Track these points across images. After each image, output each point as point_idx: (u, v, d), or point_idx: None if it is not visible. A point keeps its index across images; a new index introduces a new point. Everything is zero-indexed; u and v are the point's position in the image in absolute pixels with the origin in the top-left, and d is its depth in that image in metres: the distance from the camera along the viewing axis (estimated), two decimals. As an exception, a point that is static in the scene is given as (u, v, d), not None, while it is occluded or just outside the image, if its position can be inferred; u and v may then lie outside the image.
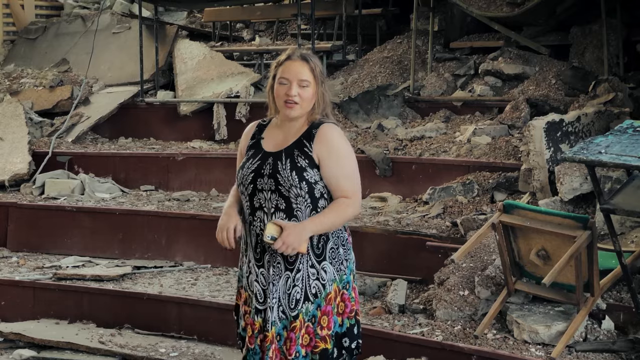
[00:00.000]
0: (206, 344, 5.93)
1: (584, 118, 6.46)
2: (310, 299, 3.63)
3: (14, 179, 8.14)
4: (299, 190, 3.59)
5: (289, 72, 3.64)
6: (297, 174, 3.59)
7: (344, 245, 3.71)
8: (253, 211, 3.69)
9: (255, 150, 3.74)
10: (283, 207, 3.61)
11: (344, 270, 3.70)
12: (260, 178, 3.64)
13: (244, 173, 3.70)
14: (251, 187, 3.66)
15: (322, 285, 3.64)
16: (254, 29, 11.86)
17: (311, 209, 3.62)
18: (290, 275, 3.63)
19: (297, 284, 3.63)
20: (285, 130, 3.72)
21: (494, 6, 8.73)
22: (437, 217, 6.49)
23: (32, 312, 6.50)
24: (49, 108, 9.37)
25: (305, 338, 3.63)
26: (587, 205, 5.94)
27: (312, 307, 3.64)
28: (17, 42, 11.12)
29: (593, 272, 4.61)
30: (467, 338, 4.87)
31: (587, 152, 4.45)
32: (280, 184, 3.60)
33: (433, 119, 8.15)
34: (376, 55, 9.31)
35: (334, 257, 3.68)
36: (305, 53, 3.71)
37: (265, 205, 3.64)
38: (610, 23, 7.90)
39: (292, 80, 3.62)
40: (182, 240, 7.08)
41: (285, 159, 3.63)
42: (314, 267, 3.64)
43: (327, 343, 3.64)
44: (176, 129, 9.10)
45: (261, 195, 3.64)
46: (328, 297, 3.65)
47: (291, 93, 3.61)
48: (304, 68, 3.64)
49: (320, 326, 3.64)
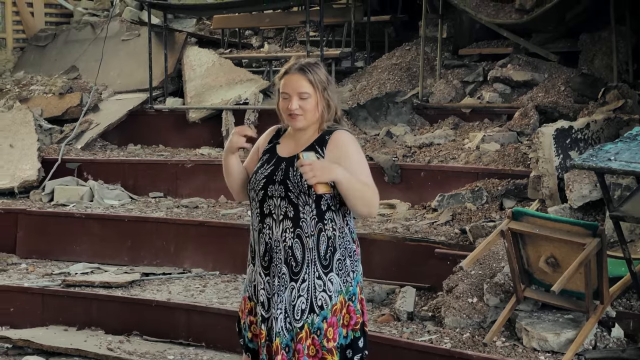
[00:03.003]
0: (214, 350, 5.92)
1: (594, 125, 6.45)
2: (316, 311, 3.61)
3: (24, 186, 8.17)
4: (307, 198, 3.58)
5: (288, 86, 3.66)
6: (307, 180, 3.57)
7: (351, 256, 3.70)
8: (263, 218, 3.66)
9: (270, 155, 3.74)
10: (291, 214, 3.59)
11: (350, 282, 3.68)
12: (271, 185, 3.63)
13: (256, 178, 3.69)
14: (262, 194, 3.65)
15: (329, 297, 3.62)
16: (262, 36, 11.88)
17: (317, 221, 3.59)
18: (295, 286, 3.61)
19: (302, 294, 3.61)
20: (297, 138, 3.73)
21: (502, 13, 8.72)
22: (446, 224, 6.47)
23: (40, 318, 6.51)
24: (58, 115, 9.40)
25: (312, 349, 3.61)
26: (597, 213, 5.92)
27: (317, 319, 3.61)
28: (26, 49, 11.16)
29: (602, 280, 4.59)
30: (475, 346, 4.86)
31: (596, 159, 4.43)
32: (290, 190, 3.59)
33: (442, 125, 8.15)
34: (385, 62, 9.31)
35: (340, 269, 3.66)
36: (304, 63, 3.70)
37: (275, 212, 3.62)
38: (620, 30, 7.89)
39: (292, 94, 3.64)
40: (191, 247, 7.08)
41: (296, 166, 3.61)
42: (321, 279, 3.62)
43: (333, 355, 3.62)
44: (185, 136, 9.11)
45: (271, 202, 3.63)
46: (334, 308, 3.63)
47: (292, 107, 3.64)
48: (302, 80, 3.64)
49: (326, 338, 3.62)
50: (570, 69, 8.19)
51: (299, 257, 3.59)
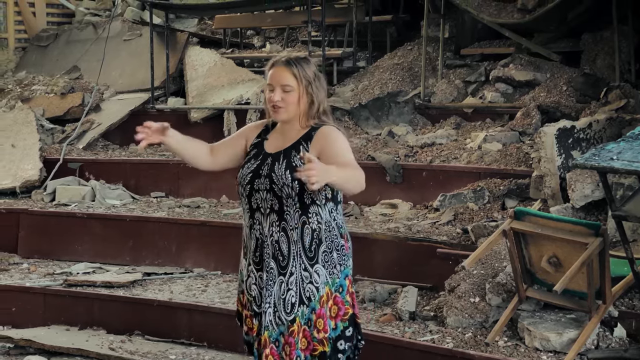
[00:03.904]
0: (216, 350, 5.92)
1: (596, 125, 6.44)
2: (305, 302, 3.65)
3: (25, 186, 8.17)
4: (289, 190, 3.61)
5: (273, 78, 3.71)
6: (290, 172, 3.61)
7: (338, 250, 3.72)
8: (252, 213, 3.72)
9: (257, 151, 3.79)
10: (277, 207, 3.64)
11: (337, 274, 3.71)
12: (257, 178, 3.69)
13: (243, 173, 3.75)
14: (249, 188, 3.71)
15: (316, 288, 3.66)
16: (264, 35, 11.88)
17: (300, 214, 3.62)
18: (284, 280, 3.66)
19: (291, 288, 3.66)
20: (284, 133, 3.77)
21: (504, 13, 8.71)
22: (448, 224, 6.47)
23: (42, 318, 6.50)
24: (60, 115, 9.40)
25: (303, 342, 3.66)
26: (599, 212, 5.91)
27: (307, 310, 3.66)
28: (28, 49, 11.17)
29: (605, 280, 4.59)
30: (478, 345, 4.85)
31: (598, 158, 4.43)
32: (274, 183, 3.64)
33: (444, 125, 8.14)
34: (387, 62, 9.31)
35: (326, 261, 3.69)
36: (292, 57, 3.73)
37: (262, 205, 3.68)
38: (622, 30, 7.88)
39: (276, 86, 3.69)
40: (193, 247, 7.08)
41: (282, 159, 3.67)
42: (307, 271, 3.66)
43: (324, 346, 3.67)
44: (187, 136, 9.09)
45: (258, 195, 3.68)
46: (321, 300, 3.67)
47: (274, 98, 3.68)
48: (287, 73, 3.68)
49: (316, 329, 3.67)
50: (573, 69, 8.18)
51: (285, 251, 3.65)
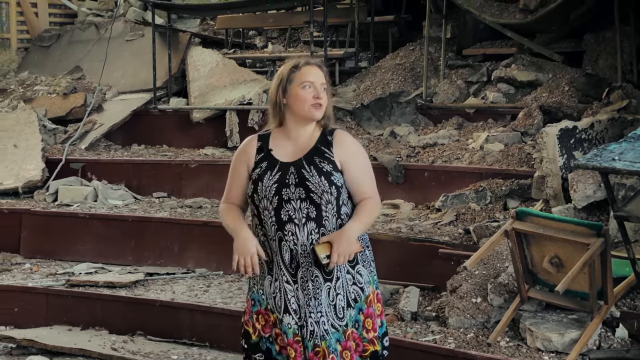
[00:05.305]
0: (218, 350, 5.92)
1: (598, 125, 6.44)
2: (352, 304, 3.64)
3: (28, 186, 8.17)
4: (329, 196, 3.56)
5: (312, 75, 3.63)
6: (325, 179, 3.55)
7: (368, 246, 3.74)
8: (281, 226, 3.58)
9: (269, 162, 3.65)
10: (314, 215, 3.55)
11: (374, 271, 3.75)
12: (285, 188, 3.56)
13: (265, 185, 3.59)
14: (276, 200, 3.57)
15: (360, 288, 3.66)
16: (266, 36, 11.89)
17: (337, 217, 3.60)
18: (331, 285, 3.61)
19: (339, 292, 3.62)
20: (295, 138, 3.68)
21: (506, 13, 8.71)
22: (450, 224, 6.47)
23: (44, 318, 6.51)
24: (62, 115, 9.41)
25: (353, 344, 3.65)
26: (601, 213, 5.91)
27: (353, 312, 3.65)
28: (30, 49, 11.18)
29: (607, 280, 4.59)
30: (479, 346, 4.85)
31: (600, 159, 4.42)
32: (312, 191, 3.54)
33: (445, 126, 8.14)
34: (388, 62, 9.31)
35: (364, 260, 3.70)
36: (319, 60, 3.79)
37: (296, 216, 3.56)
38: (624, 30, 7.88)
39: (316, 84, 3.62)
40: (195, 247, 7.08)
41: (308, 166, 3.58)
42: (350, 273, 3.65)
43: (375, 345, 3.67)
44: (189, 136, 9.12)
45: (289, 206, 3.56)
46: (368, 299, 3.67)
47: (321, 95, 3.61)
48: (322, 73, 3.67)
49: (365, 329, 3.66)
50: (575, 69, 8.18)
51: None
